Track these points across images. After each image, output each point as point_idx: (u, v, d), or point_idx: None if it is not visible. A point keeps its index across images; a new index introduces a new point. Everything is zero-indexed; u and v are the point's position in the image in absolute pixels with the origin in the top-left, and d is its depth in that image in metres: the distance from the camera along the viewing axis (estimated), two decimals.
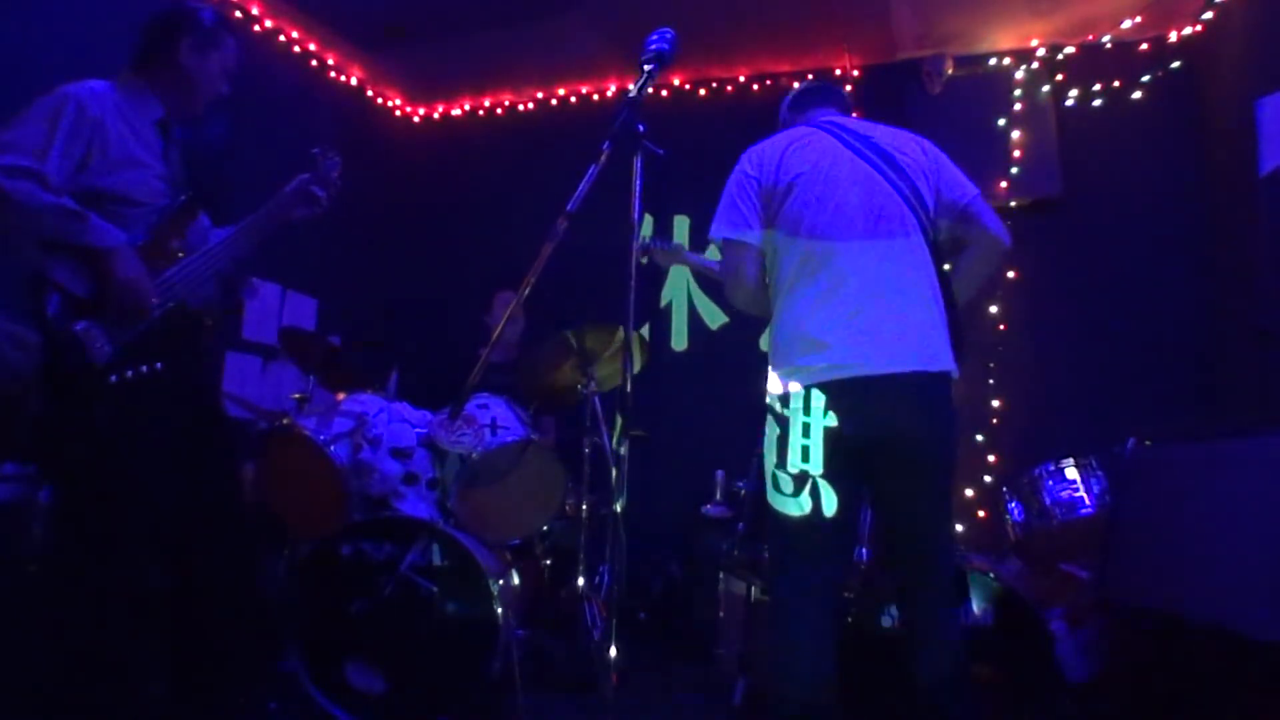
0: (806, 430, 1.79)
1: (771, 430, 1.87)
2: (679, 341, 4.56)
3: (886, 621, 2.39)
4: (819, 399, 1.77)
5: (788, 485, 1.80)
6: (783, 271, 1.90)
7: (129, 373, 1.88)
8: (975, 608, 2.44)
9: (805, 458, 1.79)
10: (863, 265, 1.81)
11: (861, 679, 2.21)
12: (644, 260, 3.23)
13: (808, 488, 1.79)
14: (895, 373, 1.74)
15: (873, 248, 1.82)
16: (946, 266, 1.96)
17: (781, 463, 1.82)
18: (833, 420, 1.76)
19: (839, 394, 1.76)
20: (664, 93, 4.73)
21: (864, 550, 2.55)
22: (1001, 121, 4.02)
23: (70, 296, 1.83)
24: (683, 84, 4.74)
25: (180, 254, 2.03)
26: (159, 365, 1.93)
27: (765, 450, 1.90)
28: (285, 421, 2.96)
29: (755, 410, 4.20)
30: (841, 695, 1.77)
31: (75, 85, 1.91)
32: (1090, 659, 2.44)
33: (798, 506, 1.79)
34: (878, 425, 1.76)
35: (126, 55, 2.09)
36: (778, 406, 1.85)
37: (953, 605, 1.91)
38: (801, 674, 1.76)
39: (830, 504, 1.77)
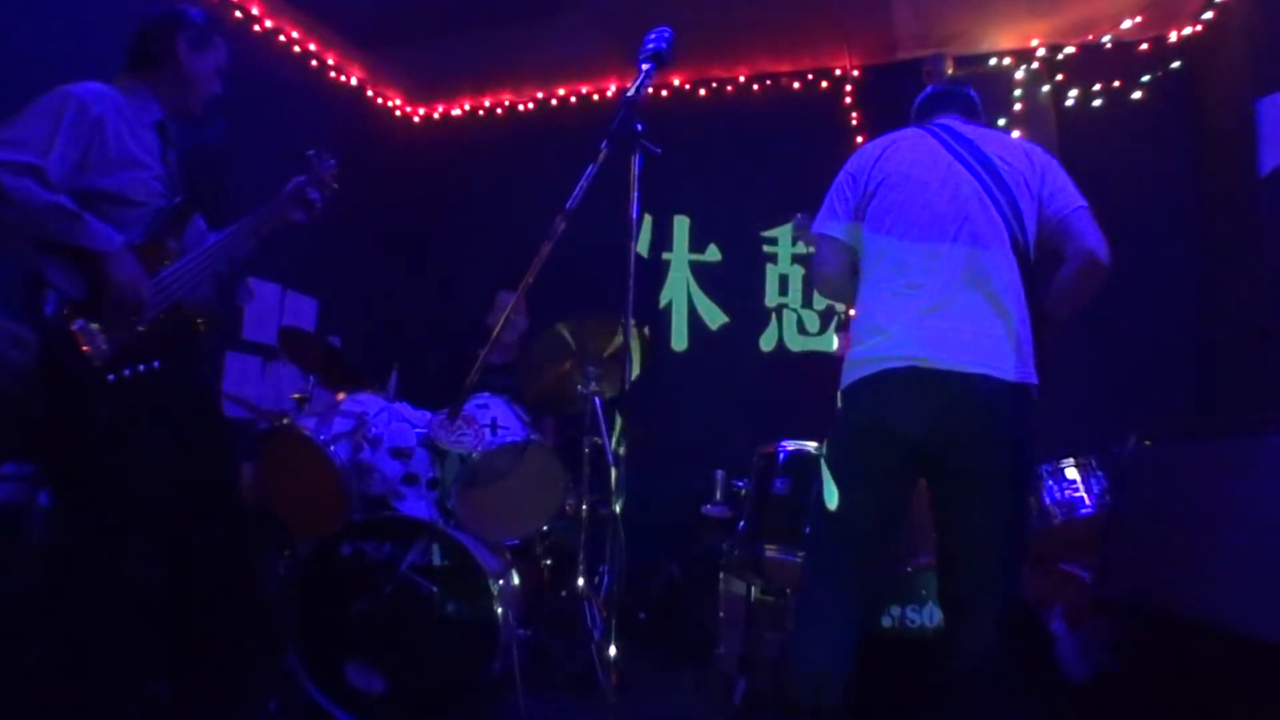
0: (847, 424, 1.86)
1: (833, 423, 1.93)
2: (679, 341, 4.56)
3: (887, 621, 2.39)
4: (865, 392, 1.81)
5: (825, 475, 1.86)
6: (864, 266, 1.96)
7: (127, 371, 1.88)
8: None
9: (835, 451, 1.86)
10: (941, 268, 1.82)
11: (860, 680, 2.20)
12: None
13: (824, 479, 1.84)
14: (961, 371, 1.72)
15: (954, 253, 1.82)
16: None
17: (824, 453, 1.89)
18: (879, 414, 1.78)
19: (900, 383, 1.75)
20: (664, 93, 4.73)
21: None
22: (1001, 121, 4.01)
23: (66, 297, 1.84)
24: (683, 84, 4.74)
25: (177, 254, 2.03)
26: (156, 364, 1.93)
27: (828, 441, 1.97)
28: (285, 421, 2.96)
29: (755, 410, 4.18)
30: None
31: (77, 85, 1.92)
32: (1090, 659, 2.44)
33: (827, 498, 1.83)
34: (935, 421, 1.73)
35: (121, 57, 2.10)
36: (840, 402, 1.90)
37: (1001, 630, 1.78)
38: (801, 661, 1.78)
39: (831, 496, 1.80)
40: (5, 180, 1.76)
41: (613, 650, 1.89)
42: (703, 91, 4.72)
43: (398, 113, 5.24)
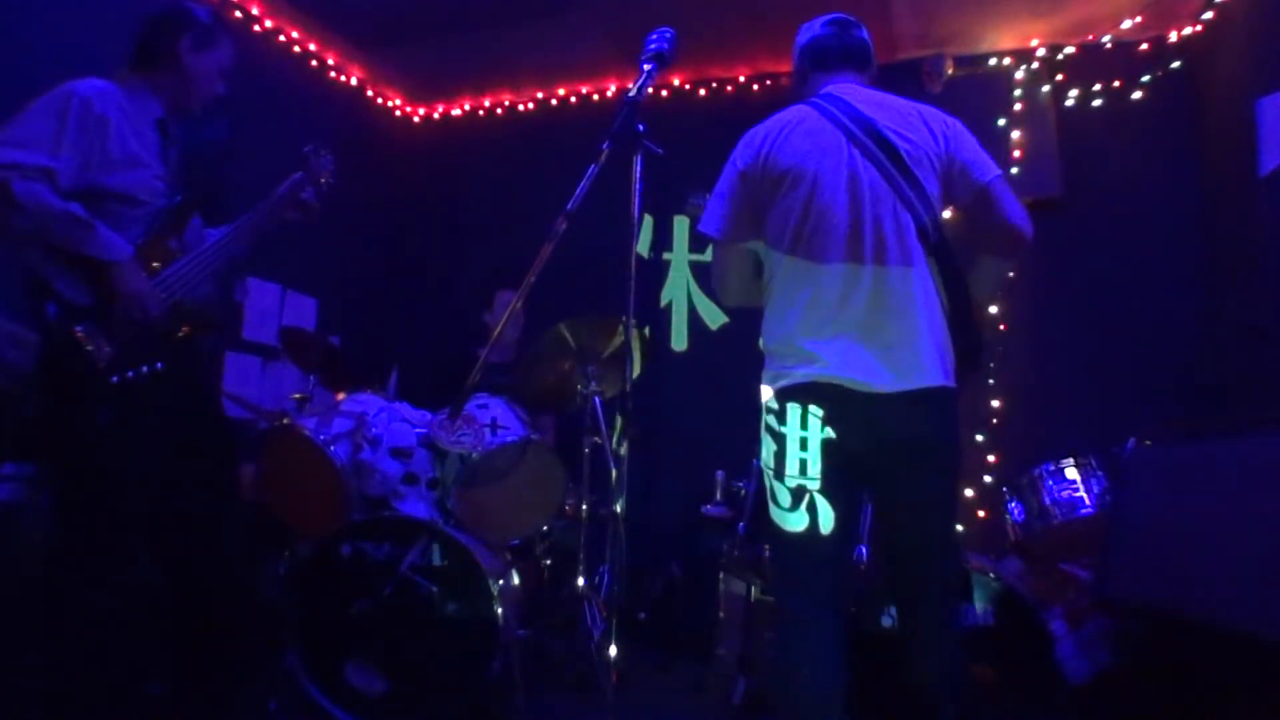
0: (804, 444, 1.75)
1: (767, 444, 1.81)
2: (679, 341, 4.56)
3: (886, 621, 2.39)
4: (816, 411, 1.74)
5: (785, 499, 1.77)
6: (773, 275, 1.85)
7: (130, 373, 1.88)
8: (975, 608, 2.44)
9: (803, 471, 1.75)
10: (850, 285, 1.74)
11: (861, 679, 2.21)
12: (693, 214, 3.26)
13: (804, 503, 1.75)
14: (884, 391, 1.69)
15: (863, 261, 1.74)
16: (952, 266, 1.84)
17: (780, 475, 1.78)
18: (829, 430, 1.73)
19: (829, 403, 1.72)
20: (664, 93, 4.73)
21: (864, 549, 2.55)
22: (1001, 121, 4.01)
23: (69, 304, 1.83)
24: (683, 84, 4.74)
25: (178, 254, 2.03)
26: (159, 365, 1.93)
27: (763, 462, 1.84)
28: (285, 421, 2.96)
29: (755, 410, 4.21)
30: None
31: (80, 82, 1.91)
32: (1090, 659, 2.44)
33: (796, 522, 1.76)
34: (865, 438, 1.73)
35: (123, 54, 2.08)
36: (773, 420, 1.80)
37: (954, 607, 1.89)
38: (807, 690, 1.72)
39: (827, 520, 1.74)
40: (15, 186, 1.75)
41: (613, 650, 1.89)
42: (703, 91, 4.72)
43: (398, 113, 5.24)
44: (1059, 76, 4.03)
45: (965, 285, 1.82)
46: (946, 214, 1.85)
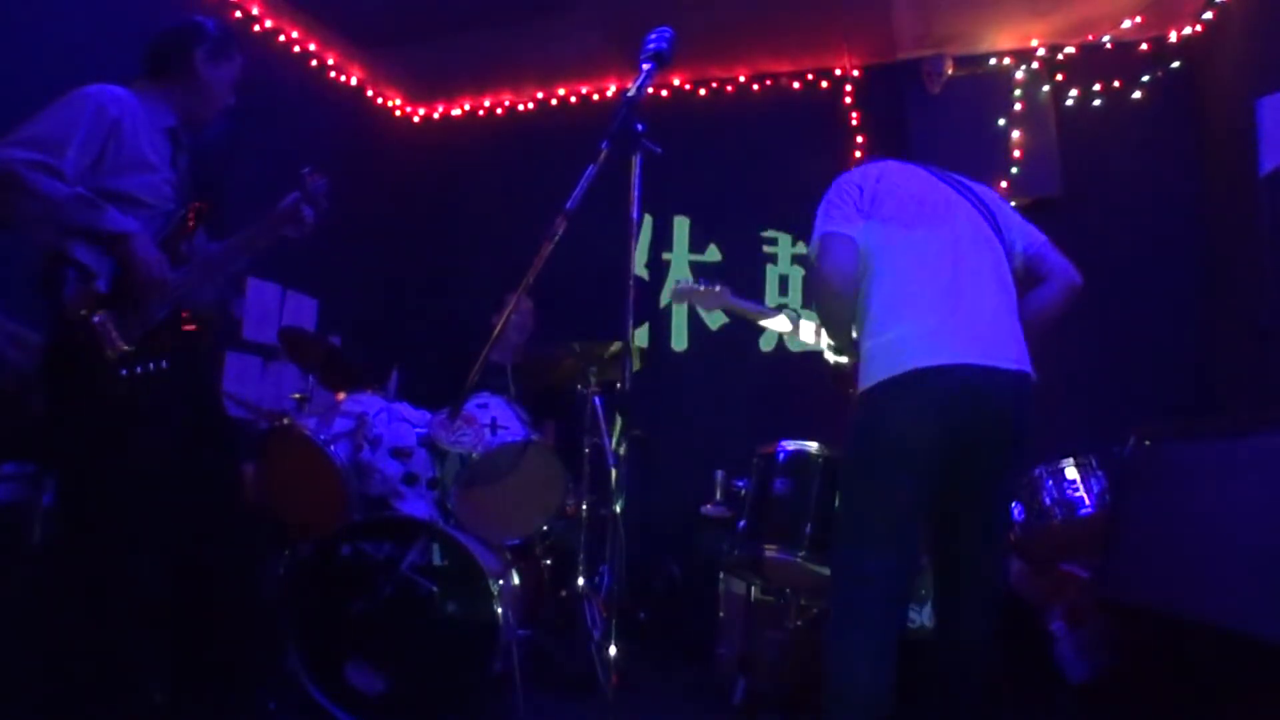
0: (883, 423, 1.83)
1: (855, 424, 1.90)
2: (679, 342, 4.56)
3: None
4: (904, 393, 1.80)
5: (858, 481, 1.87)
6: (879, 267, 1.94)
7: (139, 369, 1.91)
8: None
9: (879, 451, 1.83)
10: (965, 272, 1.90)
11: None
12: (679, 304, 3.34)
13: (875, 484, 1.83)
14: (1007, 369, 1.83)
15: (970, 259, 1.92)
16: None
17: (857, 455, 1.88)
18: (923, 414, 1.77)
19: (951, 384, 1.78)
20: (664, 93, 4.73)
21: None
22: (1001, 121, 4.01)
23: (88, 278, 1.88)
24: (683, 84, 4.74)
25: (186, 259, 2.08)
26: (164, 364, 1.96)
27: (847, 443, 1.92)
28: (285, 421, 2.96)
29: (755, 410, 4.18)
30: None
31: (95, 87, 1.96)
32: (1090, 659, 2.44)
33: (867, 502, 1.84)
34: (984, 416, 1.80)
35: (133, 61, 2.14)
36: (864, 402, 1.88)
37: (996, 614, 1.92)
38: (860, 686, 1.74)
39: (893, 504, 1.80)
40: (24, 174, 1.80)
41: (613, 650, 1.89)
42: (703, 91, 4.71)
43: (398, 113, 5.24)
44: (1059, 76, 4.03)
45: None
46: None
